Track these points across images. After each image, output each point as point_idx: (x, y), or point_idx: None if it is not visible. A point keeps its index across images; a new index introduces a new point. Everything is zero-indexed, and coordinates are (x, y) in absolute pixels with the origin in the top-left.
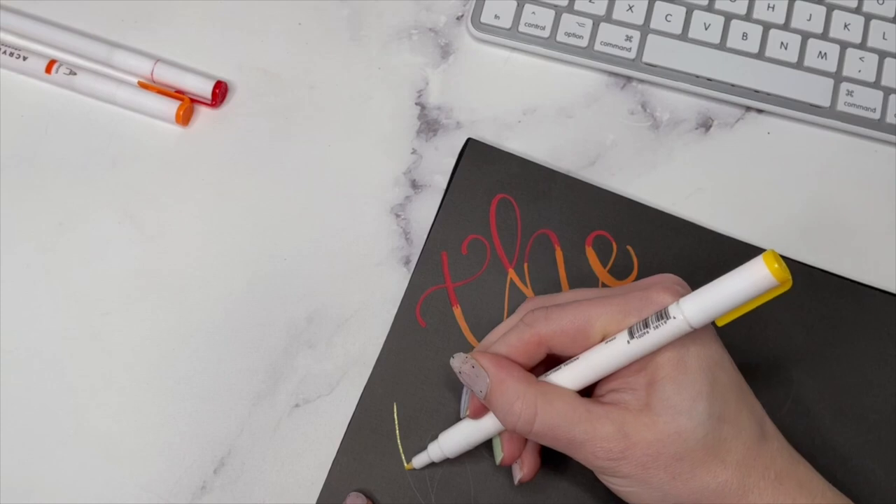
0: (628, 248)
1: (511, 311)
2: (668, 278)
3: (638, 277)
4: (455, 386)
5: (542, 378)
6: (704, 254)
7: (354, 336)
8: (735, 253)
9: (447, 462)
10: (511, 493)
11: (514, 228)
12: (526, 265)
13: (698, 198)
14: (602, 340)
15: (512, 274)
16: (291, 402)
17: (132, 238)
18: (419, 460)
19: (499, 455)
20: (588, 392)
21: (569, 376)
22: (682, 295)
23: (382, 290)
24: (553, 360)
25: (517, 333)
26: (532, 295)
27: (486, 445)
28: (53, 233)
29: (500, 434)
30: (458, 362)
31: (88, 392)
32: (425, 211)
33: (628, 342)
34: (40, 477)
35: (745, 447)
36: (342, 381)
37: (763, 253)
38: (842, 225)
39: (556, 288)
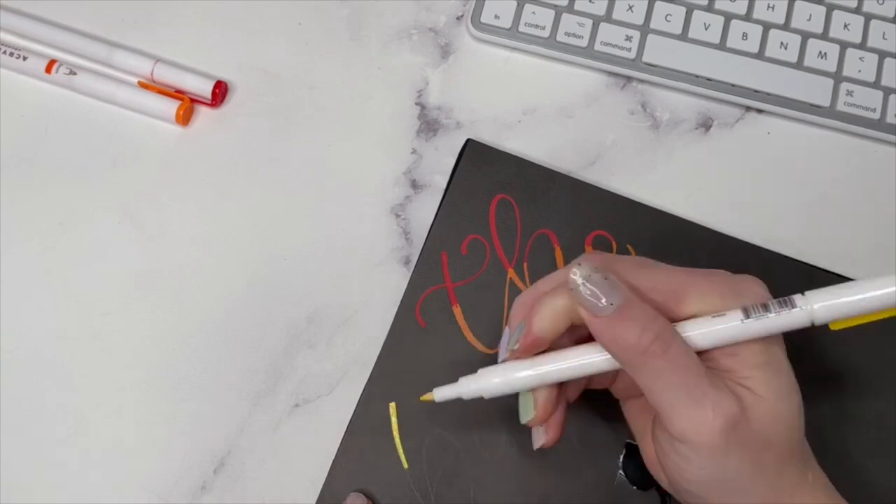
0: (628, 247)
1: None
2: (749, 276)
3: None
4: None
5: None
6: (704, 254)
7: (354, 336)
8: (735, 253)
9: (447, 462)
10: (511, 494)
11: (514, 228)
12: (525, 265)
13: (698, 198)
14: (692, 314)
15: (512, 274)
16: (291, 402)
17: (132, 238)
18: (442, 393)
19: (529, 413)
20: None
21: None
22: (767, 294)
23: (382, 290)
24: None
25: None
26: None
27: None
28: (53, 233)
29: (534, 391)
30: (585, 270)
31: (88, 392)
32: (425, 211)
33: (742, 321)
34: (40, 477)
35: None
36: (342, 381)
37: None
38: (842, 225)
39: None
